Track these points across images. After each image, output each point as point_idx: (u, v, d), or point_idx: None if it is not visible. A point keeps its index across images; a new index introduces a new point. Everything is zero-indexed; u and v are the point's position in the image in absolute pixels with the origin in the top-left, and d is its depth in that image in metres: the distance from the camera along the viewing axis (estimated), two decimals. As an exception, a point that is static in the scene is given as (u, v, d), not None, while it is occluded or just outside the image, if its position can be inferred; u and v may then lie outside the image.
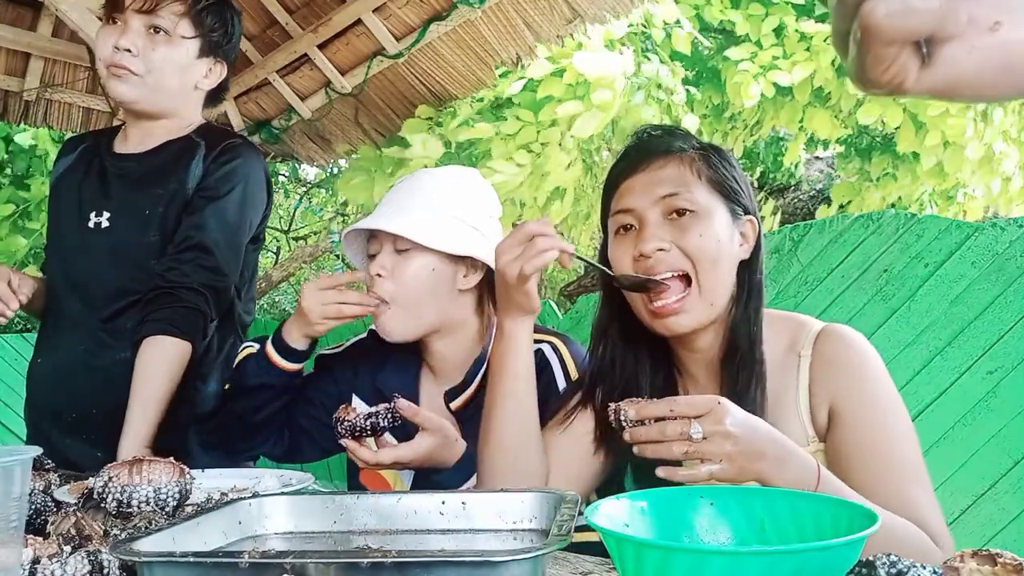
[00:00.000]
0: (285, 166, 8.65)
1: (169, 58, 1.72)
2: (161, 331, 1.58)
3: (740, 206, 1.20)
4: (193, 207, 1.70)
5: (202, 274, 1.65)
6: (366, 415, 1.29)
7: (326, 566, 0.70)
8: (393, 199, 1.53)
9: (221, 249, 1.68)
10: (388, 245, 1.47)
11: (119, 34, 1.69)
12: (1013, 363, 2.32)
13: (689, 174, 1.18)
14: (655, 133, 1.26)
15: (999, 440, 2.31)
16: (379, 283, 1.46)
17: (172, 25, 1.70)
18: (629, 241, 1.19)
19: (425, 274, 1.45)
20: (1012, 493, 2.29)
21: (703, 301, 1.15)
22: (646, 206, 1.17)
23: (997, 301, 2.36)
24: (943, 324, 2.43)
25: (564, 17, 2.76)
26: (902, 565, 0.60)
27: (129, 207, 1.73)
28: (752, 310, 1.19)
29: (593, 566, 0.96)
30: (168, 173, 1.73)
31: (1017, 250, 2.35)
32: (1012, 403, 2.30)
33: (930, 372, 2.42)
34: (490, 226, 1.55)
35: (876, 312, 2.55)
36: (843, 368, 1.14)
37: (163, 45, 1.71)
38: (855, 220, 2.67)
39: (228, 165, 1.73)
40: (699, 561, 0.63)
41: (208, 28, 1.75)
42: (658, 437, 0.95)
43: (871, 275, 2.58)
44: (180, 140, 1.78)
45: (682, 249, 1.14)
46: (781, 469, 0.96)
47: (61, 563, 0.80)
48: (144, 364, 1.57)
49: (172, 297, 1.62)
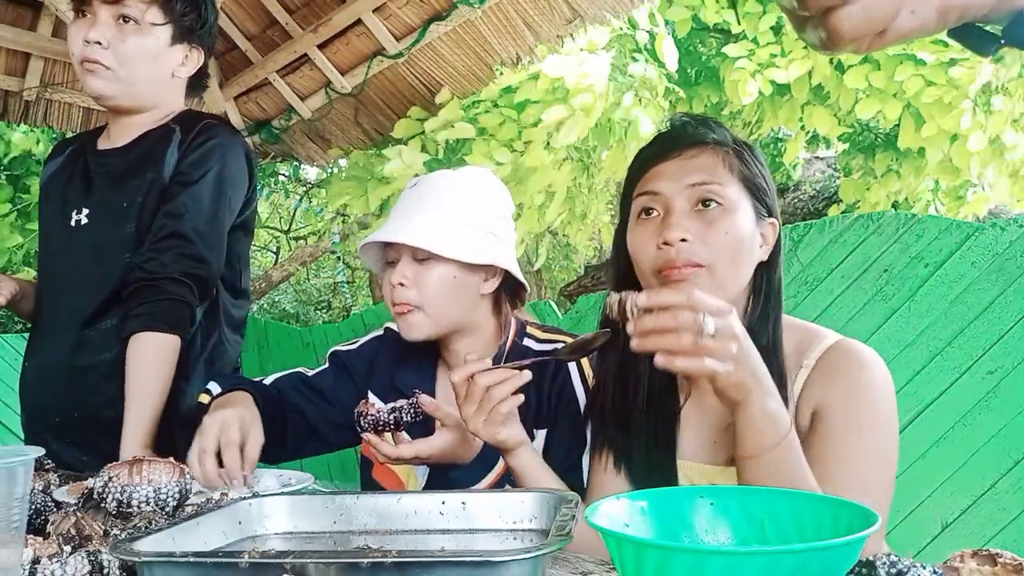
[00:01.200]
0: (285, 166, 8.65)
1: (140, 48, 1.66)
2: (146, 327, 1.55)
3: (765, 207, 1.18)
4: (169, 194, 1.66)
5: (183, 263, 1.60)
6: (389, 409, 1.30)
7: (326, 566, 0.70)
8: (409, 205, 1.53)
9: (201, 235, 1.64)
10: (407, 255, 1.48)
11: (88, 27, 1.64)
12: (1013, 363, 2.32)
13: (721, 167, 1.15)
14: (691, 121, 1.22)
15: (999, 440, 2.32)
16: (401, 292, 1.46)
17: (140, 13, 1.65)
18: (652, 227, 1.16)
19: (448, 281, 1.47)
20: (1012, 493, 2.29)
21: (714, 287, 1.11)
22: (674, 192, 1.14)
23: (997, 301, 2.36)
24: (943, 324, 2.44)
25: (564, 17, 2.76)
26: (902, 565, 0.60)
27: (107, 202, 1.70)
28: (771, 312, 1.17)
29: (593, 566, 0.96)
30: (145, 163, 1.70)
31: (1017, 250, 2.35)
32: (1012, 403, 2.31)
33: (930, 372, 2.42)
34: (506, 228, 1.57)
35: (876, 312, 2.55)
36: (837, 375, 1.12)
37: (133, 35, 1.65)
38: (855, 220, 2.67)
39: (202, 148, 1.68)
40: (699, 561, 0.63)
41: (179, 13, 1.69)
42: (670, 324, 0.93)
43: (871, 275, 2.59)
44: (157, 129, 1.74)
45: (705, 242, 1.12)
46: (764, 400, 0.97)
47: (61, 563, 0.80)
48: (134, 363, 1.54)
49: (154, 289, 1.57)
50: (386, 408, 1.31)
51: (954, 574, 0.62)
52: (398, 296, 1.46)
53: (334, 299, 13.22)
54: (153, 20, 1.66)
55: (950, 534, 2.38)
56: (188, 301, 1.60)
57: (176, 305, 1.58)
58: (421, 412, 1.30)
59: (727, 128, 1.22)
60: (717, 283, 1.12)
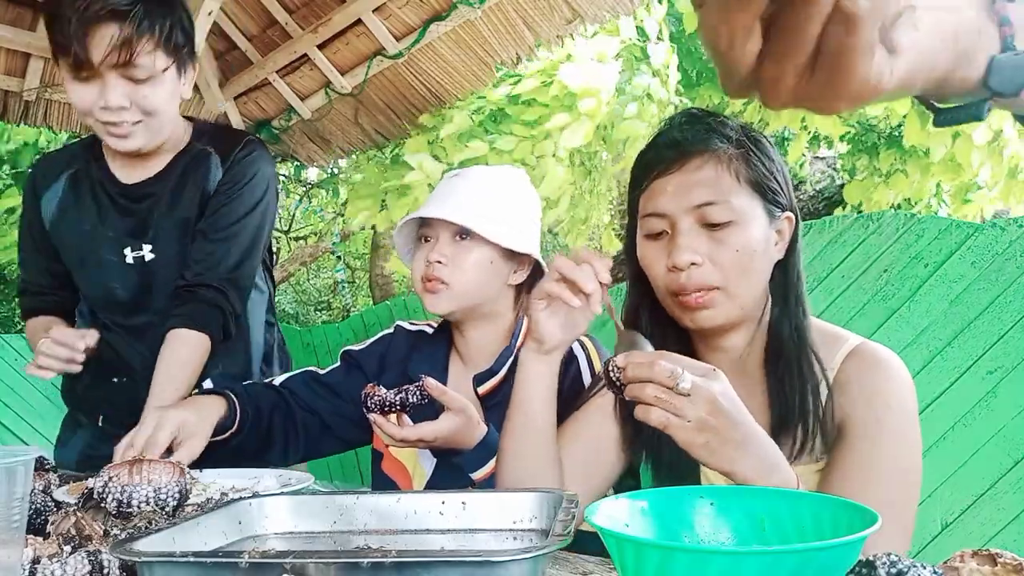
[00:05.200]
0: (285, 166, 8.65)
1: (160, 96, 1.63)
2: (181, 325, 1.62)
3: (778, 205, 1.14)
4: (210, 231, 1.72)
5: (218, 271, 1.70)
6: (395, 391, 1.33)
7: (326, 566, 0.70)
8: (450, 190, 1.57)
9: (241, 272, 1.73)
10: (446, 234, 1.52)
11: (98, 93, 1.58)
12: (1013, 363, 2.32)
13: (727, 177, 1.10)
14: (691, 123, 1.15)
15: (999, 440, 2.31)
16: (438, 269, 1.50)
17: (150, 64, 1.58)
18: (661, 247, 1.13)
19: (485, 265, 1.51)
20: (1012, 493, 2.29)
21: (731, 303, 1.11)
22: (679, 212, 1.10)
23: (997, 301, 2.36)
24: (943, 324, 2.43)
25: (564, 17, 2.76)
26: (902, 565, 0.60)
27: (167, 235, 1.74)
28: (792, 305, 1.14)
29: (593, 566, 0.96)
30: (191, 188, 1.74)
31: (1017, 250, 2.35)
32: (1012, 403, 2.30)
33: (930, 372, 2.42)
34: (537, 227, 1.62)
35: (876, 312, 2.55)
36: (863, 387, 1.09)
37: (149, 87, 1.61)
38: (855, 220, 2.67)
39: (243, 184, 1.74)
40: (699, 561, 0.63)
41: (178, 46, 1.65)
42: (646, 375, 0.90)
43: (871, 275, 2.58)
44: (185, 152, 1.77)
45: (715, 263, 1.09)
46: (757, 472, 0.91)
47: (61, 563, 0.80)
48: (164, 355, 1.60)
49: (191, 294, 1.66)
50: (392, 390, 1.33)
51: (954, 574, 0.62)
52: (433, 272, 1.50)
53: (334, 299, 13.21)
54: (162, 66, 1.62)
55: (950, 534, 2.38)
56: (221, 306, 1.67)
57: (210, 309, 1.66)
58: (427, 395, 1.33)
59: (730, 121, 1.16)
60: (732, 299, 1.11)
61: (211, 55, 3.17)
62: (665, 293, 1.14)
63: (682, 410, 0.89)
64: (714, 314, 1.11)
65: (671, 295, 1.13)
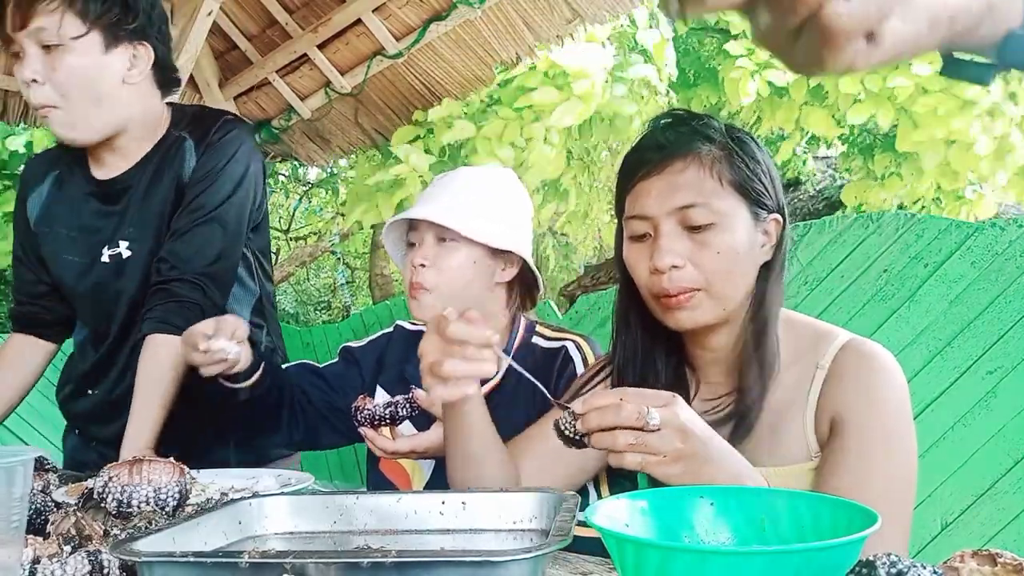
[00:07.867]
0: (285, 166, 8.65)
1: (72, 70, 1.50)
2: (156, 329, 1.53)
3: (764, 207, 1.14)
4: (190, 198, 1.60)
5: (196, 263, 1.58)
6: (385, 404, 1.32)
7: (326, 566, 0.70)
8: (436, 192, 1.57)
9: (221, 265, 1.62)
10: (430, 236, 1.50)
11: (22, 66, 1.50)
12: (1013, 363, 2.32)
13: (709, 180, 1.10)
14: (675, 125, 1.16)
15: (999, 440, 2.31)
16: (421, 273, 1.49)
17: (55, 29, 1.47)
18: (644, 249, 1.14)
19: (468, 266, 1.50)
20: (1012, 493, 2.29)
21: (714, 304, 1.12)
22: (661, 215, 1.11)
23: (997, 301, 2.36)
24: (943, 324, 2.43)
25: (564, 17, 2.76)
26: (902, 565, 0.60)
27: (143, 230, 1.64)
28: (766, 310, 1.14)
29: (593, 566, 0.96)
30: (166, 179, 1.63)
31: (1017, 250, 2.35)
32: (1012, 403, 2.30)
33: (930, 372, 2.42)
34: (526, 227, 1.61)
35: (876, 312, 2.55)
36: (854, 382, 1.10)
37: (60, 59, 1.49)
38: (855, 220, 2.67)
39: (219, 168, 1.62)
40: (699, 561, 0.63)
41: (98, 14, 1.50)
42: (610, 421, 0.90)
43: (871, 275, 2.58)
44: (161, 144, 1.65)
45: (697, 265, 1.10)
46: (736, 481, 0.93)
47: (61, 563, 0.80)
48: (144, 365, 1.52)
49: (165, 292, 1.55)
50: (382, 403, 1.33)
51: (954, 574, 0.62)
52: (415, 277, 1.49)
53: (334, 299, 13.22)
54: (72, 33, 1.48)
55: (950, 534, 2.38)
56: (199, 302, 1.56)
57: (185, 306, 1.55)
58: (417, 407, 1.32)
59: (716, 121, 1.16)
60: (715, 301, 1.11)
61: (211, 55, 3.17)
62: (648, 295, 1.15)
63: (655, 447, 0.90)
64: (697, 315, 1.12)
65: (654, 297, 1.14)
